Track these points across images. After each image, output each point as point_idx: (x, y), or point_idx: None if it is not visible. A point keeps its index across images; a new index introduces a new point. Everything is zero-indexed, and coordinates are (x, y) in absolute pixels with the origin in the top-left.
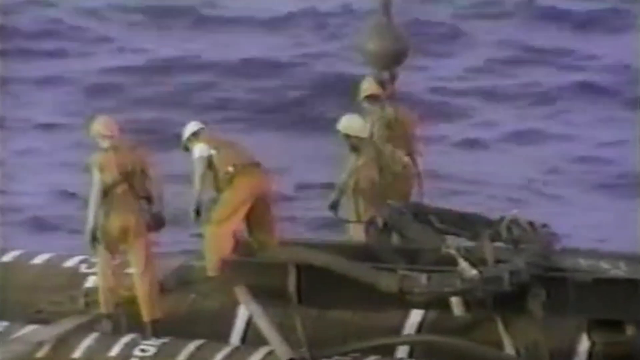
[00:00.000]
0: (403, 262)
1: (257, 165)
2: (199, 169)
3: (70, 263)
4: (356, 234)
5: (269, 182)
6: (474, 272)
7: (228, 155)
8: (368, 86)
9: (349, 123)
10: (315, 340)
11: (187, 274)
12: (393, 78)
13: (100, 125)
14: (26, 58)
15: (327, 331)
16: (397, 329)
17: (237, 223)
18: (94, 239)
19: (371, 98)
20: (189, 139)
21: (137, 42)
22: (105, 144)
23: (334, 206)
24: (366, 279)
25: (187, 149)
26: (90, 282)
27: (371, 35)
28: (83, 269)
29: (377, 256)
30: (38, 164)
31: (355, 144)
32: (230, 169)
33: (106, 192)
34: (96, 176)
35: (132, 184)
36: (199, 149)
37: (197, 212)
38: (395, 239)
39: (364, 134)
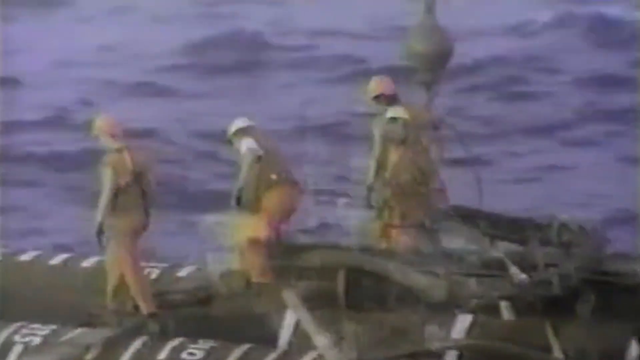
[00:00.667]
0: (452, 267)
1: (295, 182)
2: (248, 160)
3: None
4: (400, 237)
5: (301, 200)
6: (523, 276)
7: (274, 162)
8: (375, 86)
9: (395, 108)
10: (364, 344)
11: (234, 279)
12: (437, 79)
13: (104, 123)
14: None
15: (374, 335)
16: (446, 334)
17: (271, 230)
18: (100, 232)
19: (380, 98)
20: (235, 133)
21: None
22: (115, 144)
23: (381, 214)
24: (415, 283)
25: (230, 143)
26: None
27: (417, 37)
28: None
29: (425, 260)
30: None
31: (404, 133)
32: (274, 177)
33: (117, 193)
34: (108, 176)
35: (141, 184)
36: (248, 142)
37: (239, 201)
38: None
39: (410, 123)
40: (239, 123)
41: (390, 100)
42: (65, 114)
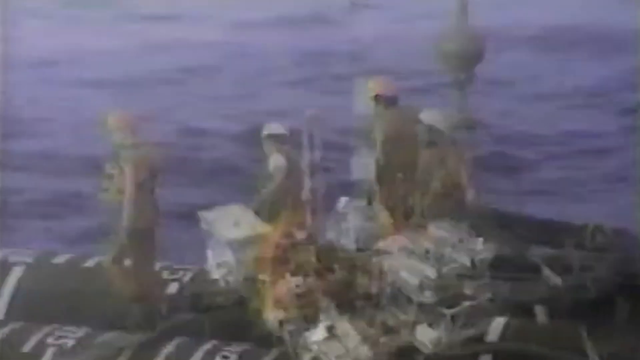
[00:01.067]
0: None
1: (308, 205)
2: (275, 180)
3: None
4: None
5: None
6: (557, 279)
7: (294, 186)
8: (373, 86)
9: (428, 112)
10: (396, 346)
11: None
12: (470, 79)
13: (122, 119)
14: None
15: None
16: (480, 336)
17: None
18: (131, 236)
19: (379, 99)
20: (268, 136)
21: None
22: (133, 140)
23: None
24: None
25: (263, 142)
26: (172, 288)
27: (450, 37)
28: (165, 275)
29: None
30: None
31: (430, 137)
32: (290, 200)
33: (137, 190)
34: (131, 173)
35: (154, 181)
36: (278, 161)
37: (257, 212)
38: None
39: (440, 126)
40: (273, 128)
41: (390, 101)
42: None
